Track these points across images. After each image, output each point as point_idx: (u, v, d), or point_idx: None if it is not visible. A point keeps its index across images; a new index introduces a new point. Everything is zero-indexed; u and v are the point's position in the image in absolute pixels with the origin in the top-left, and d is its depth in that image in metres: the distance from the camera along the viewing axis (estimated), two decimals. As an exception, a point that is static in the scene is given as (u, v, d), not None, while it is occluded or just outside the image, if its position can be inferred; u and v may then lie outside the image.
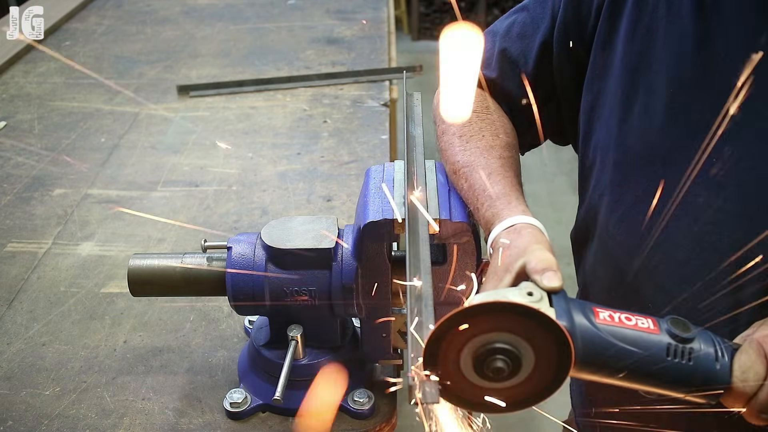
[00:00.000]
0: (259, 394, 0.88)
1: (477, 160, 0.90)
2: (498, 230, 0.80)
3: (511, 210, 0.82)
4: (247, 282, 0.82)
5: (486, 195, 0.85)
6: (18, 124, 1.67)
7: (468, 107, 0.95)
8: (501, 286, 0.72)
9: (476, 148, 0.92)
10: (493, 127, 0.96)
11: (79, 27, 2.33)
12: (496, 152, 0.91)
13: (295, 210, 1.32)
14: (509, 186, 0.86)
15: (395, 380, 0.90)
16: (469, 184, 0.87)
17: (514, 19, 1.01)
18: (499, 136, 0.94)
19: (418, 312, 0.60)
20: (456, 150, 0.92)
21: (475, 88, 0.94)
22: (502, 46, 1.00)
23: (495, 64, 1.01)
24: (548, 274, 0.72)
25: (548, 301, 0.69)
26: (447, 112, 0.95)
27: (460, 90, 0.93)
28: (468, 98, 0.94)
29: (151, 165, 1.49)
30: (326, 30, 2.26)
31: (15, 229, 1.28)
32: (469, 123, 0.95)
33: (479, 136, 0.93)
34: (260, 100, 1.78)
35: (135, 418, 0.88)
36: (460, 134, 0.94)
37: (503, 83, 1.00)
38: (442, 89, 0.99)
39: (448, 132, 0.95)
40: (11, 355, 0.99)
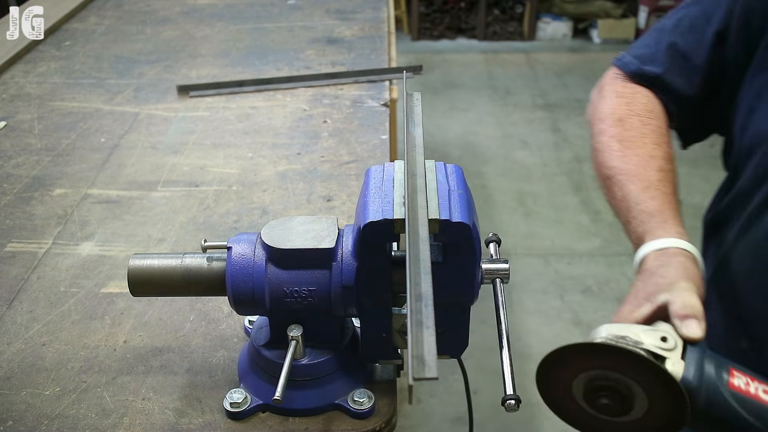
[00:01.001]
0: (259, 394, 0.88)
1: (635, 169, 0.84)
2: (647, 249, 0.76)
3: (666, 230, 0.77)
4: (247, 282, 0.82)
5: (639, 209, 0.81)
6: (18, 124, 1.67)
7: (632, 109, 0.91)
8: (638, 314, 0.68)
9: (636, 156, 0.86)
10: (657, 134, 0.89)
11: (79, 27, 2.33)
12: (656, 163, 0.85)
13: (295, 210, 1.32)
14: (666, 203, 0.81)
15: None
16: (622, 194, 0.83)
17: (685, 13, 0.97)
18: (661, 146, 0.88)
19: (418, 312, 0.60)
20: (614, 155, 0.87)
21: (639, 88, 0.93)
22: (670, 39, 0.95)
23: (662, 59, 0.96)
24: (690, 323, 0.65)
25: (682, 351, 0.64)
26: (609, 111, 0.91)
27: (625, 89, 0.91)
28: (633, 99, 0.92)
29: (151, 165, 1.49)
30: (326, 30, 2.26)
31: (15, 229, 1.28)
32: (631, 127, 0.89)
33: (641, 142, 0.88)
34: (260, 100, 1.78)
35: (135, 418, 0.88)
36: (620, 138, 0.88)
37: (670, 78, 0.95)
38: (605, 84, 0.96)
39: (606, 133, 0.90)
40: (11, 355, 0.99)
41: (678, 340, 0.65)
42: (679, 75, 0.94)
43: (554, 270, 3.22)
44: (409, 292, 0.62)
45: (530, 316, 2.94)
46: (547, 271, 3.22)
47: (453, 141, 4.39)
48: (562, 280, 3.16)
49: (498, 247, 0.97)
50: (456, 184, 0.82)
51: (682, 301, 0.67)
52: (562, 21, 6.08)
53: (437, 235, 0.76)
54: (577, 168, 4.04)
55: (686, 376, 0.63)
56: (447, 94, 5.07)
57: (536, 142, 4.34)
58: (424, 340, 0.57)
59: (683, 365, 0.63)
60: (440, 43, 6.09)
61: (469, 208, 0.79)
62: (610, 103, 0.95)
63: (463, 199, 0.79)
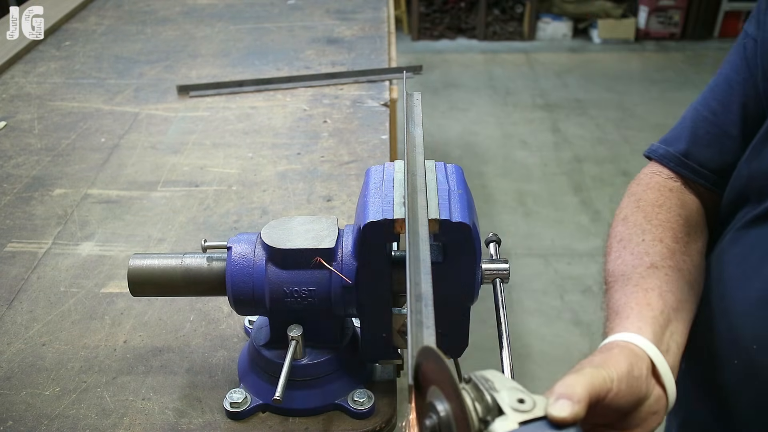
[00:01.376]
0: (259, 394, 0.88)
1: (623, 269, 0.80)
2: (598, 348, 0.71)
3: (624, 326, 0.71)
4: (247, 282, 0.82)
5: (609, 309, 0.76)
6: (18, 124, 1.67)
7: (640, 205, 0.87)
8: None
9: (630, 255, 0.81)
10: (659, 229, 0.83)
11: (79, 27, 2.33)
12: (648, 260, 0.80)
13: (295, 210, 1.32)
14: (638, 299, 0.75)
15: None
16: (606, 301, 0.78)
17: (708, 86, 0.93)
18: (663, 241, 0.82)
19: (418, 312, 0.60)
20: (611, 258, 0.84)
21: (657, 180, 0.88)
22: (695, 114, 0.91)
23: (687, 135, 0.90)
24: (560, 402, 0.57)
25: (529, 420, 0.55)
26: (618, 210, 0.88)
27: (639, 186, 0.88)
28: (644, 195, 0.87)
29: (151, 165, 1.49)
30: (326, 30, 2.26)
31: (15, 229, 1.28)
32: (633, 224, 0.85)
33: (638, 240, 0.83)
34: (260, 100, 1.78)
35: (135, 418, 0.88)
36: (620, 238, 0.85)
37: (697, 151, 0.89)
38: (632, 181, 0.90)
39: (610, 235, 0.87)
40: (11, 355, 0.99)
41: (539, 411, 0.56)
42: (708, 147, 0.88)
43: (554, 270, 3.22)
44: (409, 292, 0.62)
45: (530, 316, 2.94)
46: (547, 271, 3.22)
47: (453, 141, 4.39)
48: (562, 280, 3.16)
49: (498, 247, 0.97)
50: (456, 184, 0.82)
51: (565, 383, 0.61)
52: (562, 21, 6.08)
53: (437, 235, 0.76)
54: (577, 168, 4.04)
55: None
56: (447, 94, 5.07)
57: (536, 142, 4.34)
58: (424, 340, 0.57)
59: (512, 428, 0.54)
60: (440, 43, 6.09)
61: (469, 208, 0.79)
62: (622, 202, 0.91)
63: (463, 199, 0.79)
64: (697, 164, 0.89)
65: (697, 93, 0.96)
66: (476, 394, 0.56)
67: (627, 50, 5.86)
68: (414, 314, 0.60)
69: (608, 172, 3.98)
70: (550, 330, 2.87)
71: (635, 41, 5.98)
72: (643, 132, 4.41)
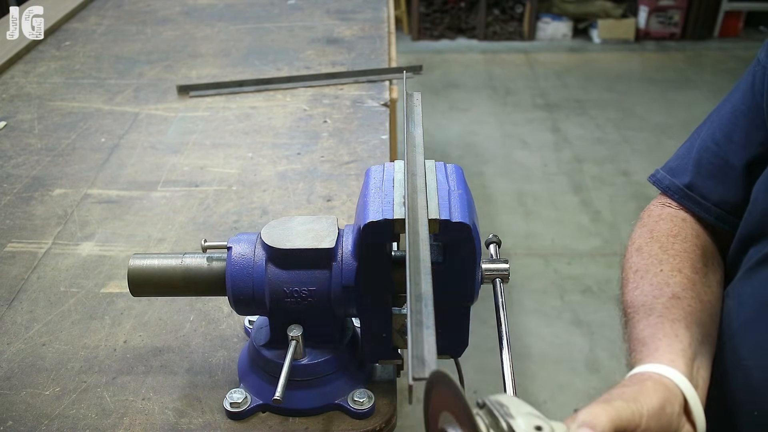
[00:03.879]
0: (259, 394, 0.88)
1: (643, 299, 0.77)
2: (626, 377, 0.69)
3: (654, 357, 0.69)
4: (247, 282, 0.82)
5: (635, 339, 0.74)
6: (18, 124, 1.67)
7: (654, 235, 0.85)
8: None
9: (649, 285, 0.79)
10: (677, 259, 0.81)
11: (79, 27, 2.33)
12: (670, 290, 0.77)
13: (295, 210, 1.32)
14: (665, 330, 0.72)
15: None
16: (628, 332, 0.76)
17: (714, 112, 0.91)
18: (682, 271, 0.80)
19: (418, 312, 0.60)
20: (628, 288, 0.81)
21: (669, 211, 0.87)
22: (701, 143, 0.89)
23: (692, 166, 0.88)
24: (582, 431, 0.57)
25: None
26: (631, 241, 0.86)
27: (651, 216, 0.86)
28: (657, 225, 0.85)
29: (151, 165, 1.49)
30: (326, 30, 2.26)
31: (15, 229, 1.28)
32: (649, 254, 0.83)
33: (656, 270, 0.80)
34: (260, 100, 1.78)
35: (135, 418, 0.88)
36: (636, 269, 0.82)
37: (702, 184, 0.86)
38: (644, 211, 0.89)
39: (625, 266, 0.84)
40: (11, 355, 0.99)
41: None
42: (711, 178, 0.86)
43: (554, 270, 3.22)
44: (409, 292, 0.62)
45: (530, 316, 2.94)
46: (547, 271, 3.22)
47: (453, 141, 4.39)
48: (562, 280, 3.16)
49: (498, 249, 0.97)
50: (456, 184, 0.82)
51: (590, 411, 0.60)
52: (562, 21, 6.08)
53: (437, 235, 0.76)
54: (577, 168, 4.04)
55: None
56: (447, 94, 5.07)
57: (536, 142, 4.34)
58: (424, 340, 0.57)
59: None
60: (440, 43, 6.09)
61: (469, 208, 0.79)
62: (634, 233, 0.90)
63: (463, 199, 0.79)
64: (701, 197, 0.87)
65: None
66: (491, 420, 0.55)
67: (627, 50, 5.86)
68: (414, 314, 0.60)
69: (608, 172, 3.97)
70: (550, 330, 2.87)
71: (635, 41, 5.98)
72: (643, 132, 4.41)
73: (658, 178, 0.93)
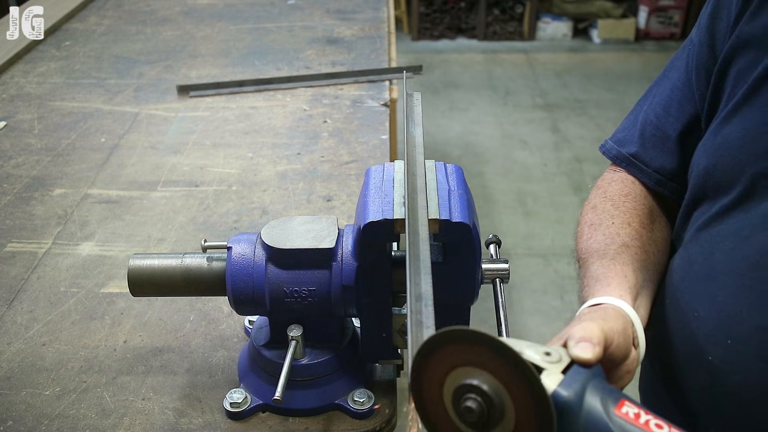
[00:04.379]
0: (259, 394, 0.88)
1: (596, 246, 0.86)
2: (582, 307, 0.77)
3: (606, 291, 0.78)
4: (247, 282, 0.82)
5: (589, 277, 0.83)
6: (18, 124, 1.67)
7: (607, 195, 0.95)
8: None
9: (602, 235, 0.88)
10: (629, 214, 0.91)
11: (79, 27, 2.33)
12: (621, 240, 0.87)
13: (295, 210, 1.32)
14: (616, 271, 0.82)
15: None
16: (582, 273, 0.85)
17: (654, 85, 0.99)
18: (631, 224, 0.89)
19: (418, 312, 0.60)
20: (583, 239, 0.90)
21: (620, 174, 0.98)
22: (644, 116, 0.97)
23: (637, 137, 0.97)
24: (583, 344, 0.62)
25: (565, 368, 0.59)
26: (587, 201, 0.96)
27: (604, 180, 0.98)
28: (609, 186, 0.96)
29: (151, 165, 1.49)
30: (326, 30, 2.26)
31: (15, 229, 1.28)
32: (602, 211, 0.92)
33: (609, 223, 0.89)
34: (260, 100, 1.78)
35: (135, 418, 0.88)
36: (590, 223, 0.91)
37: (645, 153, 0.95)
38: (600, 178, 0.99)
39: (581, 221, 0.93)
40: (11, 355, 0.99)
41: (565, 358, 0.60)
42: (653, 148, 0.95)
43: (554, 270, 3.22)
44: (409, 292, 0.62)
45: (530, 316, 2.94)
46: (547, 271, 3.22)
47: (453, 141, 4.39)
48: (562, 280, 3.16)
49: (498, 249, 0.97)
50: (456, 184, 0.82)
51: (581, 326, 0.66)
52: (562, 21, 6.08)
53: (437, 235, 0.76)
54: (577, 168, 4.04)
55: (561, 391, 0.56)
56: (447, 94, 5.07)
57: (536, 142, 4.34)
58: (424, 340, 0.57)
59: (560, 379, 0.57)
60: (440, 43, 6.09)
61: (469, 208, 0.79)
62: (590, 195, 0.99)
63: (463, 199, 0.79)
64: (643, 164, 0.96)
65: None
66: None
67: (627, 50, 5.86)
68: (414, 314, 0.60)
69: (608, 172, 3.97)
70: (550, 330, 2.87)
71: (635, 41, 5.98)
72: (643, 132, 4.41)
73: (607, 148, 1.02)
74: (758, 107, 0.78)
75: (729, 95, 0.83)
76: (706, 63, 0.88)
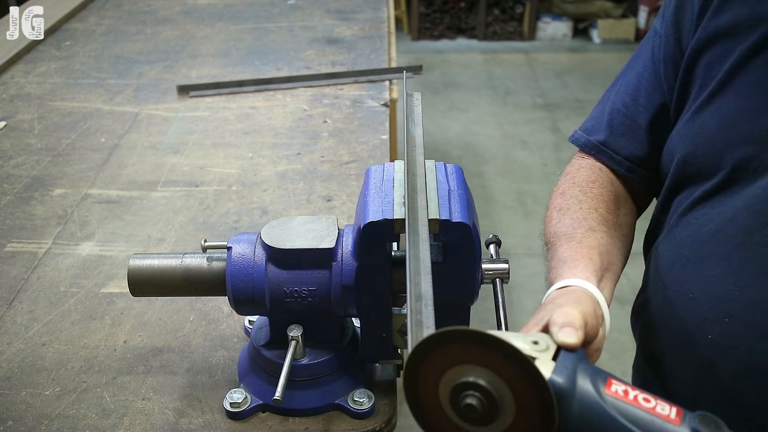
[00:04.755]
0: (259, 394, 0.88)
1: (564, 229, 0.89)
2: (551, 289, 0.79)
3: (574, 273, 0.81)
4: (247, 282, 0.82)
5: (556, 259, 0.85)
6: (18, 124, 1.67)
7: (576, 181, 0.98)
8: None
9: (570, 219, 0.91)
10: (596, 200, 0.94)
11: (79, 27, 2.33)
12: (588, 224, 0.90)
13: (295, 210, 1.32)
14: (582, 253, 0.84)
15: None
16: (550, 255, 0.87)
17: (621, 76, 1.02)
18: (598, 209, 0.93)
19: (418, 312, 0.60)
20: (552, 223, 0.93)
21: (588, 161, 1.01)
22: (611, 105, 1.00)
23: (605, 126, 1.00)
24: (566, 329, 0.65)
25: (554, 354, 0.62)
26: (556, 187, 1.00)
27: (572, 166, 1.02)
28: (578, 173, 1.00)
29: (151, 165, 1.49)
30: (326, 30, 2.26)
31: (15, 229, 1.28)
32: (570, 196, 0.95)
33: (576, 208, 0.93)
34: (260, 100, 1.78)
35: (135, 418, 0.88)
36: (558, 208, 0.94)
37: (614, 141, 0.98)
38: (568, 165, 1.05)
39: (549, 206, 0.97)
40: (11, 355, 0.99)
41: (551, 344, 0.63)
42: (622, 136, 0.98)
43: (554, 270, 3.22)
44: (409, 292, 0.62)
45: (530, 316, 2.93)
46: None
47: (453, 141, 4.39)
48: (562, 280, 3.16)
49: (498, 249, 0.97)
50: (456, 184, 0.83)
51: (562, 312, 0.68)
52: (562, 21, 6.08)
53: (437, 235, 0.76)
54: (577, 168, 4.04)
55: (555, 377, 0.59)
56: (447, 94, 5.07)
57: (536, 142, 4.34)
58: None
59: (553, 366, 0.60)
60: (440, 43, 6.09)
61: (469, 208, 0.79)
62: (559, 181, 1.02)
63: (463, 199, 0.79)
64: (613, 152, 0.99)
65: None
66: None
67: (627, 50, 5.86)
68: (414, 314, 0.60)
69: (608, 172, 3.98)
70: (550, 330, 2.87)
71: (635, 41, 5.98)
72: (643, 132, 4.41)
73: (576, 137, 1.05)
74: (733, 96, 0.81)
75: (700, 86, 0.85)
76: (673, 54, 0.91)
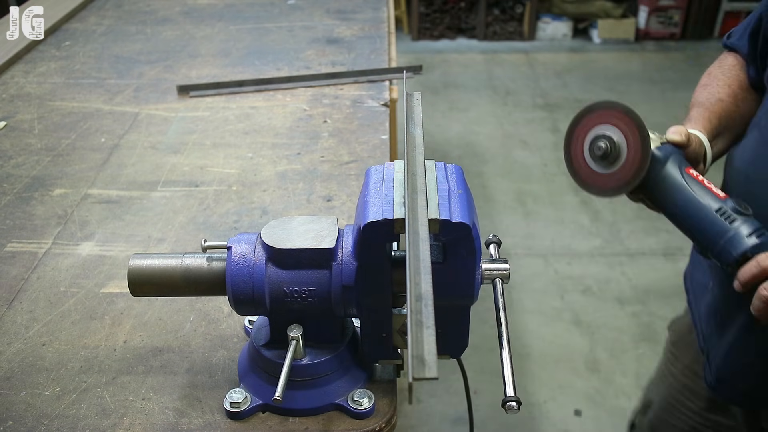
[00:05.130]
0: (259, 394, 0.88)
1: (701, 97, 1.23)
2: None
3: (694, 126, 1.14)
4: (247, 282, 0.82)
5: (686, 119, 1.18)
6: (18, 124, 1.67)
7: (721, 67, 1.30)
8: None
9: (706, 92, 1.24)
10: (730, 79, 1.25)
11: (79, 27, 2.33)
12: (717, 95, 1.22)
13: (295, 210, 1.32)
14: (701, 113, 1.17)
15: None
16: (688, 115, 1.20)
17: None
18: (730, 86, 1.24)
19: (418, 312, 0.60)
20: (695, 95, 1.25)
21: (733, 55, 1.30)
22: (758, 12, 1.23)
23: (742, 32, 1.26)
24: (674, 128, 1.05)
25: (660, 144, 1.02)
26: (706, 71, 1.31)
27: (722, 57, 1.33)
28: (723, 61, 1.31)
29: (151, 165, 1.49)
30: (326, 30, 2.26)
31: (15, 229, 1.28)
32: (714, 77, 1.27)
33: (714, 84, 1.25)
34: (260, 100, 1.78)
35: (135, 418, 0.88)
36: (704, 84, 1.27)
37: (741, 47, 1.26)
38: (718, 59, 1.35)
39: (700, 82, 1.29)
40: (11, 355, 0.99)
41: (663, 139, 1.03)
42: (748, 43, 1.25)
43: (554, 270, 3.22)
44: (409, 292, 0.62)
45: (530, 316, 2.94)
46: (547, 271, 3.22)
47: (453, 141, 4.39)
48: (562, 280, 3.16)
49: (498, 249, 0.97)
50: (456, 184, 0.83)
51: (675, 127, 1.06)
52: (562, 21, 6.08)
53: (437, 235, 0.76)
54: (577, 168, 4.04)
55: (655, 151, 1.00)
56: (447, 94, 5.07)
57: (536, 142, 4.34)
58: (424, 340, 0.57)
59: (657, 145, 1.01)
60: (440, 43, 6.09)
61: (469, 208, 0.79)
62: (711, 66, 1.33)
63: (463, 199, 0.79)
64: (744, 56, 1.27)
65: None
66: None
67: (627, 50, 5.86)
68: (414, 314, 0.60)
69: (608, 172, 3.97)
70: (550, 330, 2.87)
71: (635, 41, 5.98)
72: (643, 132, 4.40)
73: (723, 42, 1.35)
74: None
75: None
76: None
